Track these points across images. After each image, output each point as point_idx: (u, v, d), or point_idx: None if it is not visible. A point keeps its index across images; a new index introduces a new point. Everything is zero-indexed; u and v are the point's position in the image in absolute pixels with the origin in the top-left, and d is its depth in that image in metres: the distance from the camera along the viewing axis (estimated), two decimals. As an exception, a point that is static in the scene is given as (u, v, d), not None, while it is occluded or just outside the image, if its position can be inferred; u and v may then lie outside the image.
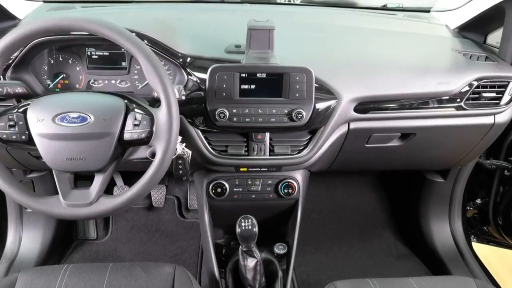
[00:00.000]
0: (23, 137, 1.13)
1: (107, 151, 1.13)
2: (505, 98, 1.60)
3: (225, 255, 1.84)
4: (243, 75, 1.37)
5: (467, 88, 1.55)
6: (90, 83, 1.55)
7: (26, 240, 2.15)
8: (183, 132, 1.46)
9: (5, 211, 2.11)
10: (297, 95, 1.39)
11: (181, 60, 1.45)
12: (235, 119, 1.40)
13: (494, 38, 1.78)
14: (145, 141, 1.16)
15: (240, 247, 1.52)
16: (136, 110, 1.17)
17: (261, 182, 1.66)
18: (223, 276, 1.74)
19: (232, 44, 1.51)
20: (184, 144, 1.39)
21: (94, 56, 1.52)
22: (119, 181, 2.38)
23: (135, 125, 1.15)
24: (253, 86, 1.39)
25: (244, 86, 1.39)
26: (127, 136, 1.15)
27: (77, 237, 2.42)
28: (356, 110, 1.51)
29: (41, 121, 1.12)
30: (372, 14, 2.00)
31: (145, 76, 1.15)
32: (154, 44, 1.43)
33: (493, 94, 1.58)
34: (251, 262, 1.53)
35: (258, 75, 1.37)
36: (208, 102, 1.39)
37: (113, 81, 1.56)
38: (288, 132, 1.51)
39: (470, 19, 1.77)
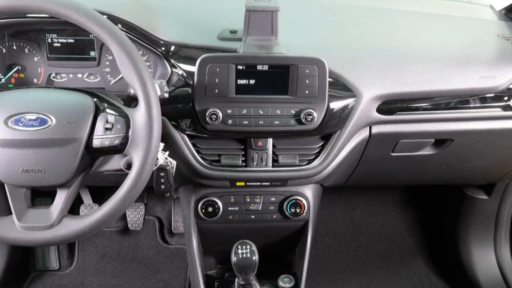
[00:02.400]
0: (-32, 143, 1.12)
1: (72, 162, 1.13)
2: None
3: (217, 290, 1.84)
4: (240, 67, 1.37)
5: (516, 83, 1.56)
6: (51, 77, 1.55)
7: (-28, 271, 2.14)
8: (166, 137, 1.45)
9: None
10: (306, 92, 1.39)
11: (163, 48, 1.45)
12: (230, 121, 1.40)
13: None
14: (119, 148, 1.15)
15: (236, 279, 1.52)
16: (107, 110, 1.17)
17: (262, 200, 1.65)
18: (215, 316, 1.74)
19: (226, 29, 1.51)
20: (167, 152, 1.39)
21: (56, 44, 1.52)
22: (87, 198, 2.37)
23: (106, 129, 1.14)
24: (252, 81, 1.39)
25: (241, 81, 1.38)
26: (96, 142, 1.14)
27: (35, 267, 2.41)
28: (379, 110, 1.50)
29: (-10, 124, 1.11)
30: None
31: (118, 68, 1.14)
32: (130, 29, 1.43)
33: (549, 91, 1.58)
34: (250, 299, 1.53)
35: (259, 67, 1.37)
36: (197, 100, 1.38)
37: (79, 75, 1.56)
38: (296, 138, 1.51)
39: (520, -2, 1.78)
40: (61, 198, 1.17)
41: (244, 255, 1.41)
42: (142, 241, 2.51)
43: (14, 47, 1.52)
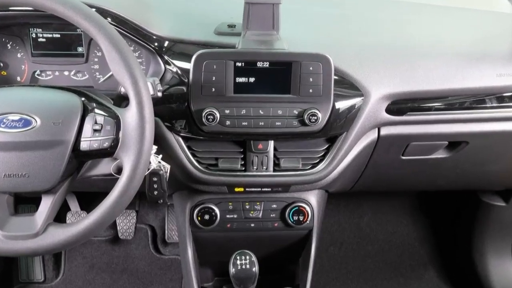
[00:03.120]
0: None
1: (58, 166, 1.12)
2: None
3: (214, 304, 1.84)
4: (238, 64, 1.37)
5: (536, 81, 1.55)
6: (36, 75, 1.55)
7: (-49, 283, 2.15)
8: (159, 140, 1.45)
9: None
10: (310, 91, 1.39)
11: (156, 44, 1.45)
12: (228, 122, 1.40)
13: None
14: (108, 151, 1.15)
15: (234, 293, 1.52)
16: (96, 110, 1.17)
17: (262, 207, 1.65)
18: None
19: (224, 23, 1.52)
20: (161, 156, 1.38)
21: (41, 39, 1.52)
22: (74, 205, 2.37)
23: (95, 130, 1.14)
24: (252, 79, 1.39)
25: (240, 79, 1.38)
26: (84, 145, 1.14)
27: (18, 279, 2.41)
28: (388, 110, 1.50)
29: (-30, 125, 1.11)
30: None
31: (108, 65, 1.14)
32: (121, 23, 1.43)
33: None
34: (249, 313, 1.52)
35: (259, 64, 1.37)
36: (192, 100, 1.38)
37: (66, 73, 1.56)
38: (299, 140, 1.51)
39: (540, -11, 1.78)
40: (46, 204, 1.17)
41: (243, 266, 1.41)
42: (134, 251, 2.51)
43: (-4, 43, 1.52)
